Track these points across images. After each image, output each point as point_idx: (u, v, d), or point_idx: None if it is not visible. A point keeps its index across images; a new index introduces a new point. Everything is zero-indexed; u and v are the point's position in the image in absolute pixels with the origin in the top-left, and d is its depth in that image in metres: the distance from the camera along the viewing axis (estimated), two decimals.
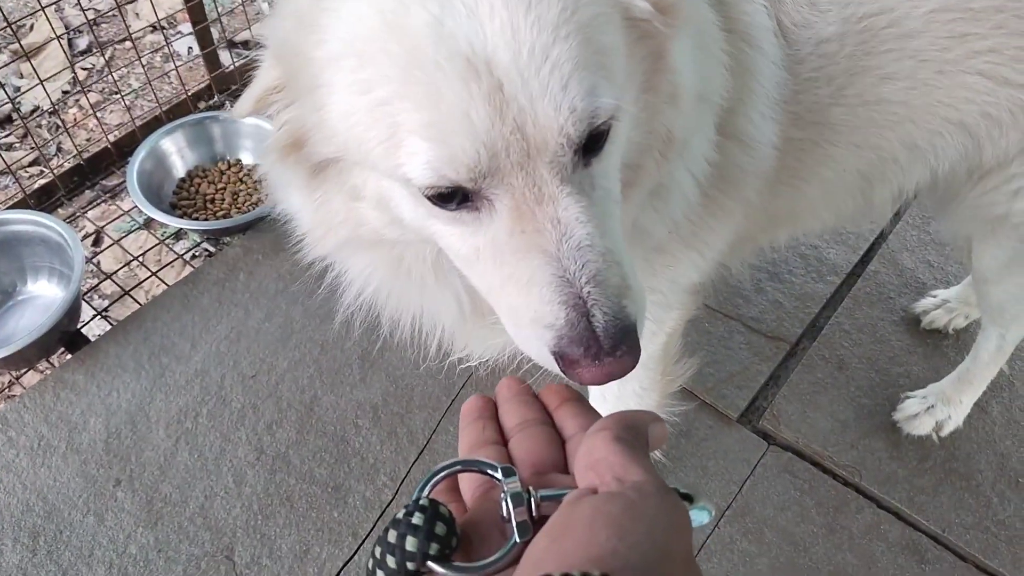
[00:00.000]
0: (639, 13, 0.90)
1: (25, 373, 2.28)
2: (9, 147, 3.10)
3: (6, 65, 3.34)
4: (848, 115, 1.33)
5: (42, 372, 2.28)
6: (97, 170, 2.64)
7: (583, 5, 0.83)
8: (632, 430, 0.60)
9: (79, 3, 2.50)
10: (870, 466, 1.98)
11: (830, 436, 2.03)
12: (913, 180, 1.45)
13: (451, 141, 0.81)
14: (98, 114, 3.09)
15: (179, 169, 2.57)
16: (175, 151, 2.55)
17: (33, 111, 3.22)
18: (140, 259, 2.51)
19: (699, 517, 0.59)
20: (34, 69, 2.51)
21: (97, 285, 2.54)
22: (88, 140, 3.07)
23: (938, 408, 1.97)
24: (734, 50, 1.19)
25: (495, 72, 0.79)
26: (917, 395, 2.03)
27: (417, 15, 0.80)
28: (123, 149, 2.62)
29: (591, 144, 0.87)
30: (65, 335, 2.15)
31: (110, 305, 2.44)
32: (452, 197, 0.87)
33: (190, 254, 2.60)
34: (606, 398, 1.74)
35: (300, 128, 0.94)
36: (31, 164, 3.02)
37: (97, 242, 2.71)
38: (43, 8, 2.27)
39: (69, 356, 2.16)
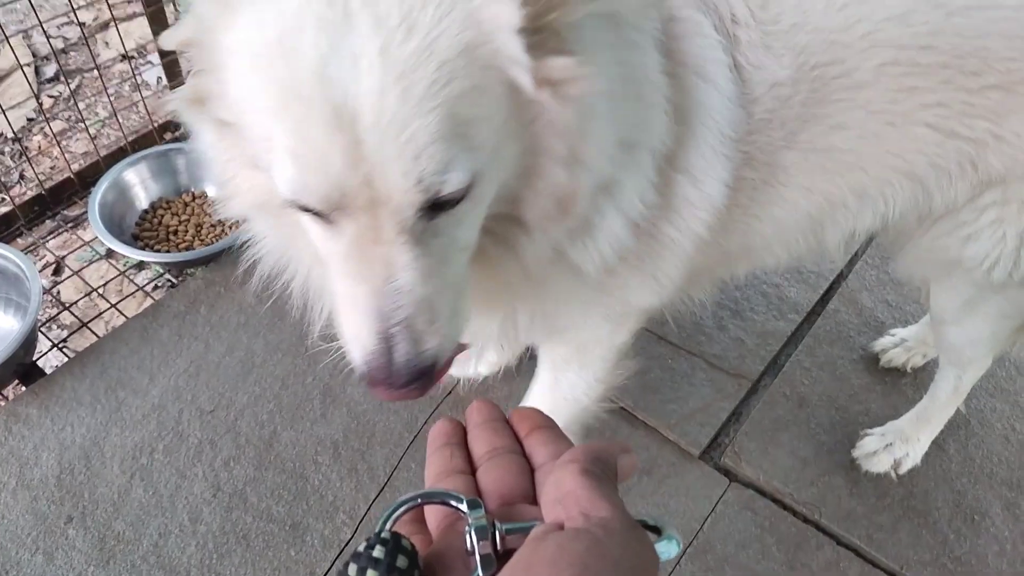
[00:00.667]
0: (524, 88, 0.91)
1: None
2: None
3: None
4: (800, 159, 1.35)
5: None
6: (59, 200, 2.61)
7: (458, 78, 0.85)
8: (601, 462, 0.59)
9: (46, 32, 2.49)
10: (830, 503, 1.99)
11: (791, 473, 2.04)
12: (864, 225, 1.48)
13: (308, 176, 0.87)
14: (63, 143, 3.07)
15: (142, 200, 2.54)
16: (138, 182, 2.53)
17: None
18: (100, 290, 2.47)
19: (667, 549, 0.58)
20: None
21: (56, 316, 2.51)
22: (52, 168, 3.04)
23: (896, 446, 2.00)
24: (686, 85, 1.21)
25: (357, 129, 0.83)
26: (876, 433, 2.05)
27: (307, 48, 0.83)
28: (86, 179, 2.59)
29: (442, 205, 0.91)
30: (20, 367, 2.11)
31: (68, 336, 2.40)
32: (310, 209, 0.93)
33: (152, 285, 2.57)
34: (558, 385, 1.74)
35: (204, 89, 0.97)
36: None
37: (57, 272, 2.67)
38: (7, 38, 2.26)
39: (23, 389, 2.11)
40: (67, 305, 2.43)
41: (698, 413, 2.14)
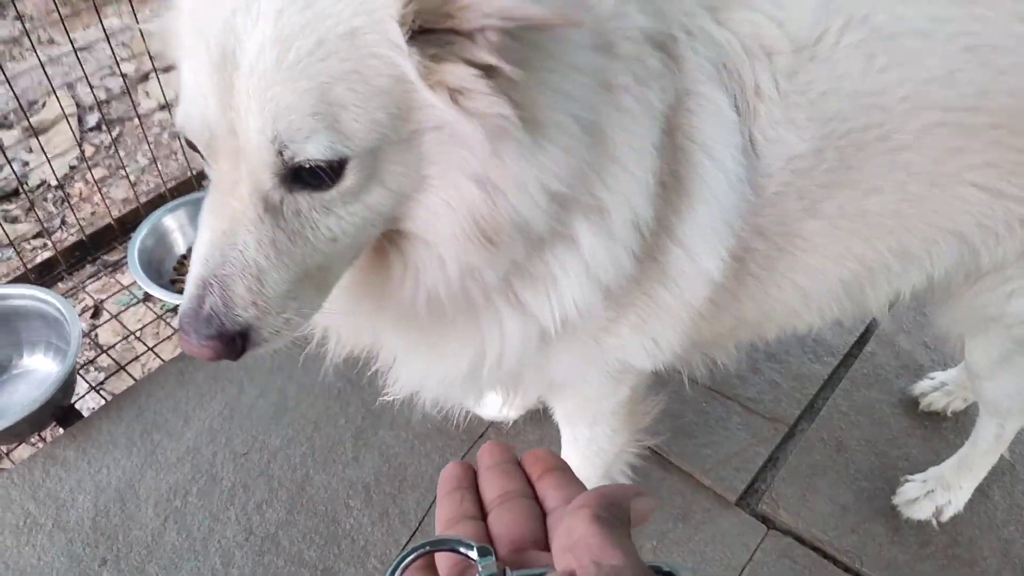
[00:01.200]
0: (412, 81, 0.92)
1: (16, 447, 2.26)
2: (14, 219, 3.14)
3: (18, 142, 3.41)
4: (825, 227, 1.33)
5: (33, 446, 2.26)
6: (99, 245, 2.67)
7: (337, 57, 0.89)
8: (614, 507, 0.58)
9: (90, 84, 2.58)
10: (871, 551, 1.94)
11: (830, 520, 1.99)
12: (909, 284, 1.45)
13: (190, 109, 0.94)
14: (104, 189, 3.15)
15: (180, 246, 2.59)
16: (176, 228, 2.58)
17: (40, 185, 3.28)
18: (138, 333, 2.51)
19: None
20: (42, 147, 2.56)
21: (95, 359, 2.54)
22: (93, 214, 3.12)
23: (938, 493, 1.94)
24: (692, 160, 1.21)
25: (233, 76, 0.89)
26: (917, 479, 2.00)
27: (226, 1, 0.90)
28: (126, 225, 2.65)
29: (305, 182, 0.94)
30: (58, 410, 2.14)
31: (106, 379, 2.43)
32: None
33: None
34: (577, 440, 1.72)
35: (166, 30, 1.02)
36: (35, 236, 3.06)
37: (96, 315, 2.72)
38: (54, 91, 2.34)
39: (61, 431, 2.14)
40: (105, 348, 2.47)
41: (734, 458, 2.11)
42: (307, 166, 0.92)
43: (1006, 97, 1.25)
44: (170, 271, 2.54)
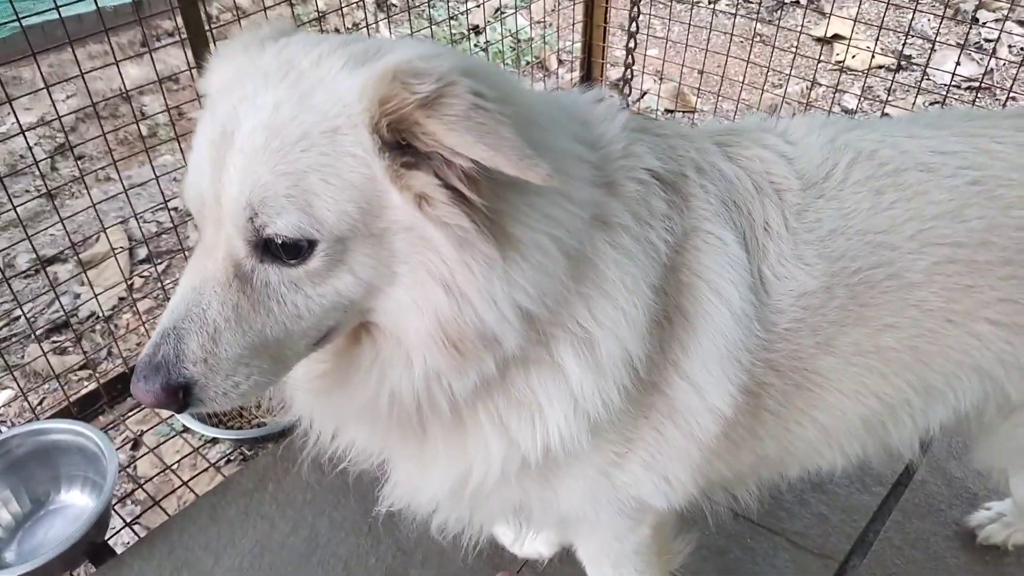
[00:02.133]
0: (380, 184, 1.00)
1: None
2: (64, 351, 3.23)
3: (72, 276, 3.54)
4: (841, 364, 1.32)
5: None
6: None
7: (316, 151, 0.98)
8: None
9: (137, 220, 2.69)
10: None
11: None
12: (937, 419, 1.42)
13: (191, 178, 1.05)
14: (149, 321, 3.23)
15: None
16: None
17: (89, 316, 3.38)
18: (175, 466, 2.52)
19: None
20: (89, 283, 2.66)
21: (132, 492, 2.55)
22: (139, 344, 3.18)
23: None
24: (698, 296, 1.23)
25: (228, 152, 1.00)
26: None
27: (235, 92, 1.04)
28: None
29: (276, 255, 1.01)
30: (92, 547, 2.13)
31: (141, 513, 2.43)
32: None
33: (224, 460, 2.61)
34: None
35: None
36: (81, 367, 3.12)
37: (135, 447, 2.74)
38: (104, 230, 2.44)
39: (93, 569, 2.12)
40: (142, 483, 2.47)
41: None
42: (277, 240, 0.99)
43: (1017, 231, 1.25)
44: None
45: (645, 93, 4.57)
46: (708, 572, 2.00)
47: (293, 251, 1.01)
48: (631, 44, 3.77)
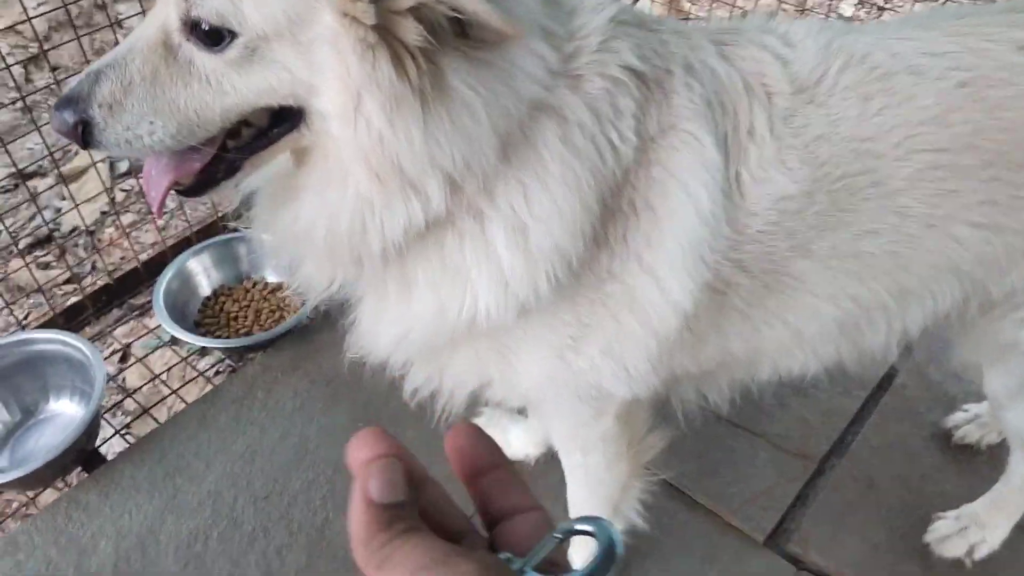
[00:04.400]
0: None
1: (41, 493, 2.28)
2: (47, 265, 3.20)
3: (50, 188, 3.49)
4: (817, 267, 1.33)
5: (59, 490, 2.28)
6: (126, 289, 2.70)
7: None
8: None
9: None
10: None
11: (862, 560, 1.93)
12: (914, 321, 1.44)
13: None
14: (133, 234, 3.20)
15: (205, 288, 2.62)
16: (201, 270, 2.61)
17: (72, 231, 3.34)
18: (164, 376, 2.54)
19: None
20: (71, 195, 2.61)
21: (120, 401, 2.56)
22: (122, 259, 3.16)
23: (972, 530, 1.88)
24: (667, 191, 1.23)
25: None
26: (949, 516, 1.94)
27: None
28: (152, 268, 2.68)
29: (203, 37, 1.07)
30: (82, 454, 2.15)
31: (131, 422, 2.45)
32: None
33: (213, 371, 2.62)
34: (573, 468, 1.71)
35: None
36: (65, 282, 3.11)
37: (124, 359, 2.75)
38: None
39: (85, 475, 2.15)
40: (131, 392, 2.49)
41: (761, 496, 2.05)
42: (202, 25, 1.05)
43: (1000, 133, 1.24)
44: (195, 313, 2.56)
45: None
46: (688, 472, 2.04)
47: (215, 37, 1.06)
48: None
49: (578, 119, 1.17)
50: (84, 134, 1.12)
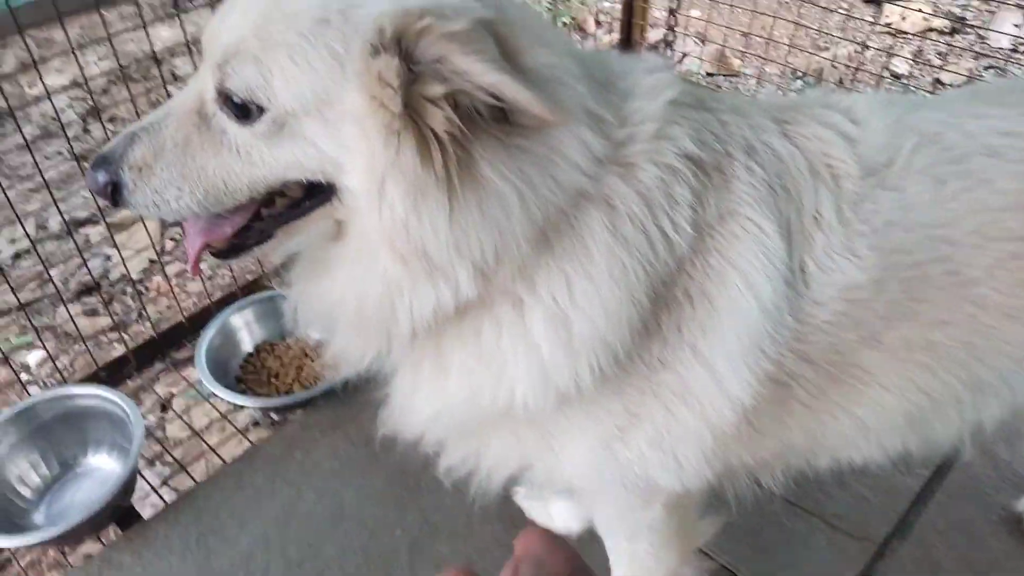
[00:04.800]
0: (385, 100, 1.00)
1: (76, 548, 2.25)
2: (93, 312, 3.23)
3: (103, 238, 3.54)
4: (887, 359, 1.25)
5: (98, 541, 2.25)
6: (170, 343, 2.71)
7: (294, 31, 1.02)
8: None
9: None
10: None
11: None
12: (991, 415, 1.36)
13: (211, 23, 1.12)
14: (180, 283, 3.22)
15: (247, 344, 2.60)
16: (243, 326, 2.60)
17: (119, 279, 3.38)
18: (203, 431, 2.52)
19: None
20: (115, 244, 2.63)
21: (161, 455, 2.54)
22: (168, 308, 3.18)
23: None
24: (727, 282, 1.17)
25: (238, 9, 1.08)
26: None
27: None
28: (196, 323, 2.68)
29: (234, 110, 1.07)
30: (118, 511, 2.13)
31: (167, 479, 2.42)
32: None
33: (252, 424, 2.60)
34: (619, 554, 1.63)
35: None
36: (111, 329, 3.13)
37: (164, 409, 2.74)
38: None
39: (120, 533, 2.12)
40: (169, 447, 2.47)
41: None
42: (234, 98, 1.06)
43: None
44: (236, 369, 2.54)
45: (685, 56, 4.43)
46: (740, 551, 1.94)
47: (245, 110, 1.07)
48: (674, 4, 3.63)
49: (628, 209, 1.12)
50: (114, 194, 1.14)
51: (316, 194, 1.15)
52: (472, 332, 1.18)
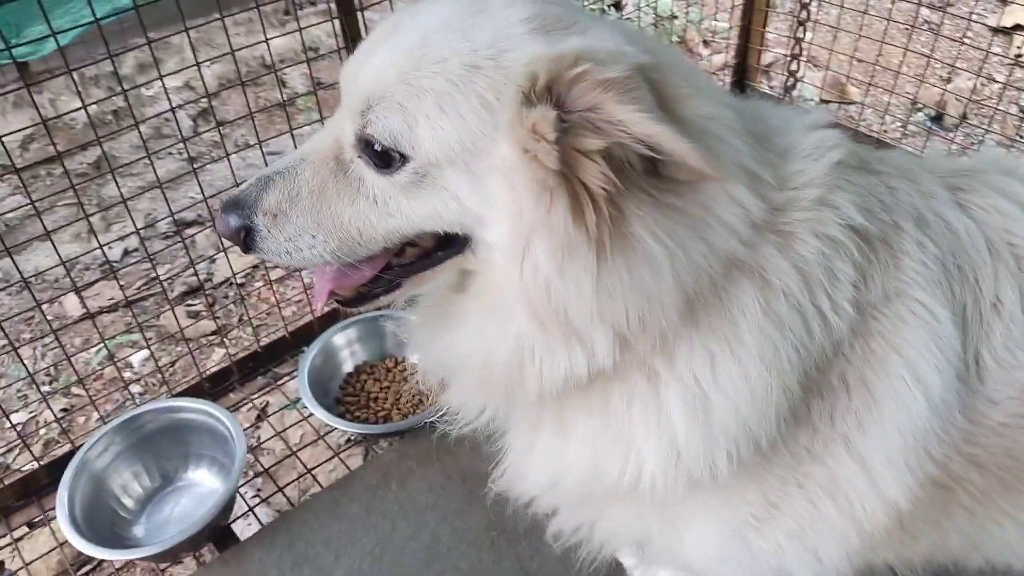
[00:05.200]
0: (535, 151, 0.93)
1: (172, 566, 2.27)
2: (196, 315, 3.28)
3: (209, 240, 3.59)
4: None
5: (197, 560, 2.26)
6: (272, 357, 2.71)
7: (444, 77, 0.97)
8: None
9: None
10: None
11: None
12: None
13: (350, 61, 1.11)
14: (280, 290, 3.24)
15: (348, 364, 2.59)
16: (345, 345, 2.59)
17: (223, 282, 3.43)
18: (295, 446, 2.51)
19: None
20: (225, 250, 2.64)
21: (257, 476, 2.54)
22: (268, 314, 3.20)
23: None
24: (889, 372, 1.08)
25: (383, 43, 1.05)
26: None
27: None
28: (299, 338, 2.69)
29: (374, 157, 1.04)
30: (216, 530, 2.13)
31: (264, 499, 2.42)
32: None
33: (347, 447, 2.59)
34: None
35: None
36: (212, 333, 3.17)
37: (260, 420, 2.75)
38: None
39: (216, 552, 2.13)
40: (266, 467, 2.46)
41: None
42: (374, 144, 1.02)
43: None
44: (336, 390, 2.53)
45: (799, 81, 4.27)
46: None
47: (386, 158, 1.03)
48: (799, 32, 3.48)
49: (784, 285, 1.03)
50: (246, 239, 1.11)
51: (449, 245, 1.11)
52: (600, 400, 1.11)
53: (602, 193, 0.91)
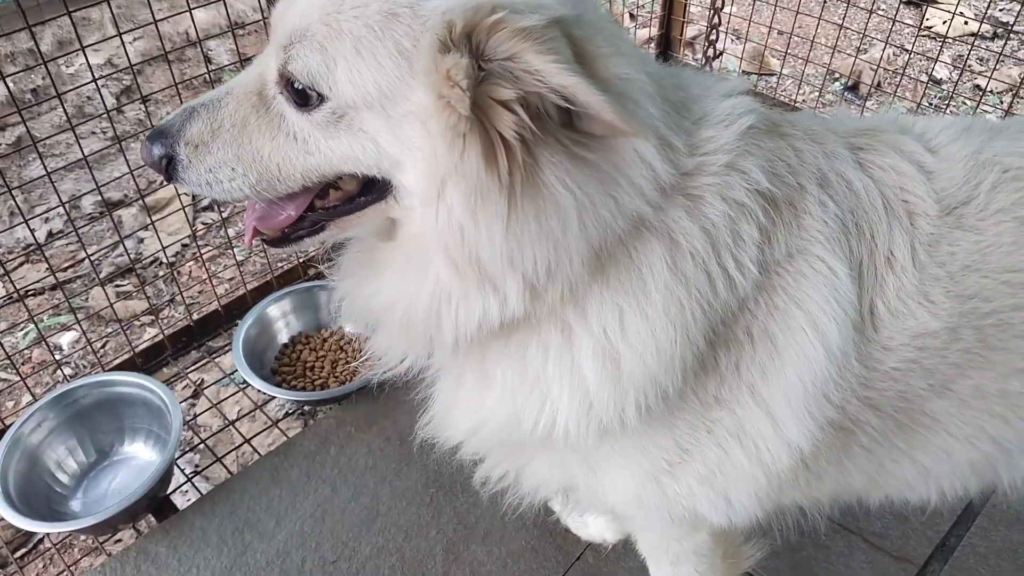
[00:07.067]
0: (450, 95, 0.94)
1: (110, 537, 2.26)
2: (127, 295, 3.23)
3: (136, 220, 3.53)
4: (956, 407, 1.22)
5: (134, 528, 2.26)
6: (206, 331, 2.70)
7: (362, 22, 0.99)
8: None
9: None
10: None
11: None
12: None
13: (280, 4, 1.11)
14: (212, 268, 3.21)
15: (283, 335, 2.59)
16: (280, 316, 2.59)
17: (153, 262, 3.38)
18: (235, 422, 2.51)
19: None
20: (155, 228, 2.62)
21: (195, 447, 2.54)
22: (200, 292, 3.18)
23: None
24: (791, 326, 1.13)
25: None
26: None
27: None
28: (232, 311, 2.68)
29: (296, 97, 1.06)
30: (154, 501, 2.13)
31: (202, 470, 2.42)
32: None
33: (284, 415, 2.59)
34: None
35: None
36: (144, 313, 3.13)
37: (196, 395, 2.74)
38: None
39: (155, 523, 2.12)
40: (203, 437, 2.46)
41: None
42: (295, 83, 1.04)
43: None
44: (272, 361, 2.54)
45: (722, 53, 4.37)
46: (779, 569, 1.92)
47: (303, 97, 1.05)
48: (718, 3, 3.57)
49: (691, 246, 1.07)
50: (168, 168, 1.13)
51: (371, 190, 1.13)
52: (518, 351, 1.15)
53: (516, 140, 0.94)
